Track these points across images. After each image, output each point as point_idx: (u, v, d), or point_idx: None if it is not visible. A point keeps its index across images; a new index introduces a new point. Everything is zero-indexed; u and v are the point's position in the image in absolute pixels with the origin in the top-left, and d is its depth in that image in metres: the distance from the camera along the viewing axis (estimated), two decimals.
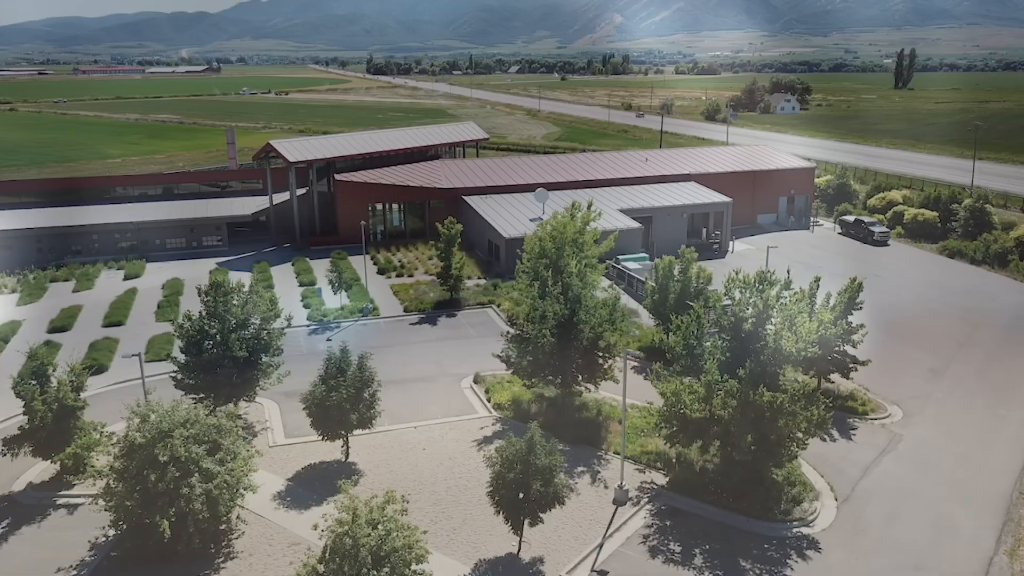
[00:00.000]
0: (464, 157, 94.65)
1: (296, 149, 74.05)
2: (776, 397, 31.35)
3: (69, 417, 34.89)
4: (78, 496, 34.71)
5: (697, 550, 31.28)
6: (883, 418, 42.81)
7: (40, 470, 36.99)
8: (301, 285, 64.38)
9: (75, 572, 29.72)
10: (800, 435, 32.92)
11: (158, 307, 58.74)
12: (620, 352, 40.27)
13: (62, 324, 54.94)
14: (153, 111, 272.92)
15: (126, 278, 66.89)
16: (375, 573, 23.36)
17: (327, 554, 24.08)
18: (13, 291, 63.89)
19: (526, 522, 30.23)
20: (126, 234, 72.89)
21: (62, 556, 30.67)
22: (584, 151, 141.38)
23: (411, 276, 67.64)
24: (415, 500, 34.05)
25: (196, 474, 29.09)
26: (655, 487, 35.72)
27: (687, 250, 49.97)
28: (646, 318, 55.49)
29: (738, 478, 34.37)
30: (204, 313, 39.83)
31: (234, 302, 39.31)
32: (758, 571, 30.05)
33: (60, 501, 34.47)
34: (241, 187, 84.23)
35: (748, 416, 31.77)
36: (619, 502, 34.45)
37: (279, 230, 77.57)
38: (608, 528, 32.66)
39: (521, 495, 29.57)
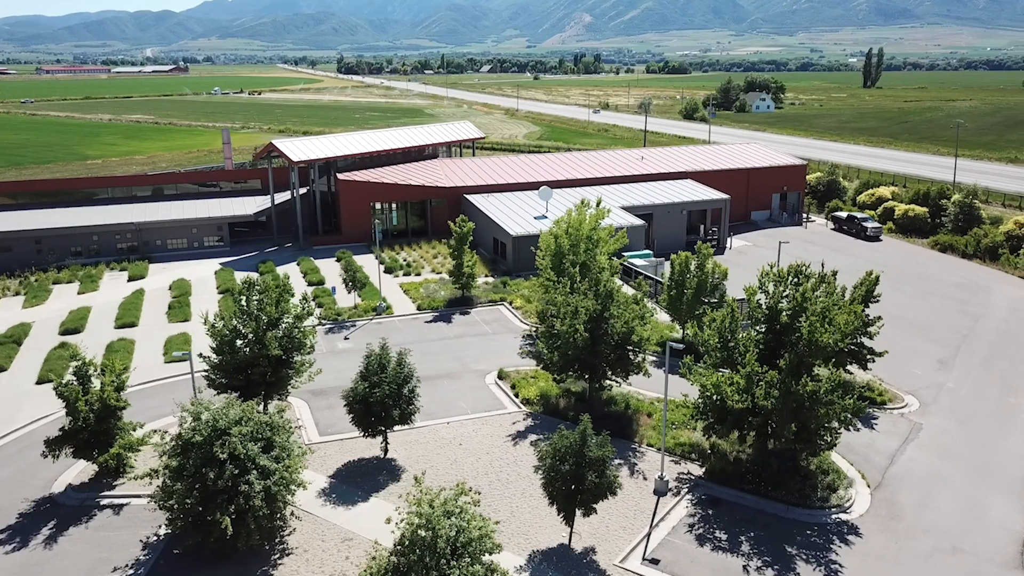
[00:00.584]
0: (461, 156, 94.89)
1: (299, 149, 73.88)
2: (820, 386, 32.24)
3: (111, 417, 34.79)
4: (122, 497, 34.63)
5: (742, 537, 32.06)
6: (900, 408, 43.95)
7: (78, 471, 36.82)
8: (310, 285, 64.37)
9: (132, 571, 29.73)
10: (836, 424, 33.86)
11: (169, 308, 58.41)
12: (650, 347, 40.98)
13: (74, 326, 54.44)
14: (125, 111, 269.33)
15: (130, 279, 66.36)
16: (454, 563, 23.76)
17: (403, 546, 24.40)
18: (17, 293, 63.13)
19: (579, 513, 30.82)
20: (127, 235, 72.24)
21: (116, 556, 30.65)
22: (569, 150, 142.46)
23: (418, 275, 67.86)
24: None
25: (254, 471, 29.25)
26: (692, 477, 36.47)
27: (704, 246, 50.79)
28: (659, 314, 56.31)
29: (776, 467, 35.27)
30: (236, 312, 39.89)
31: (266, 300, 39.35)
32: (805, 556, 30.88)
33: (104, 502, 34.34)
34: (232, 187, 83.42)
35: (790, 406, 32.60)
36: (660, 492, 35.15)
37: (279, 230, 77.30)
38: (653, 518, 33.33)
39: (575, 486, 30.15)
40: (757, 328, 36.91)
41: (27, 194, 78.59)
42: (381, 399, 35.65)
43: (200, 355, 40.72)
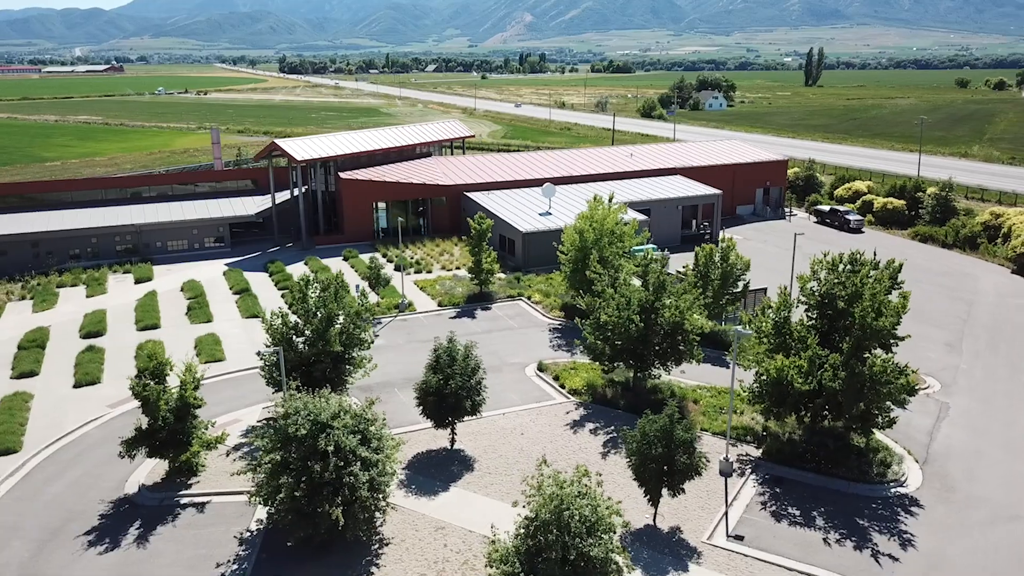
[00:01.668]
0: (452, 154, 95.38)
1: (301, 148, 73.54)
2: (885, 367, 34.11)
3: (188, 416, 34.76)
4: (202, 495, 34.63)
5: (814, 512, 33.71)
6: (924, 388, 46.27)
7: (148, 471, 36.63)
8: None
9: (236, 567, 29.91)
10: (890, 404, 35.77)
11: (189, 310, 57.84)
12: (694, 338, 42.39)
13: (95, 329, 53.54)
14: (70, 112, 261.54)
15: (137, 282, 65.32)
16: (590, 540, 24.72)
17: (536, 527, 25.22)
18: (22, 298, 61.64)
19: (666, 493, 32.07)
20: (126, 237, 70.99)
21: (214, 553, 30.77)
22: (538, 148, 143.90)
23: (430, 272, 68.33)
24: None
25: (357, 463, 29.71)
26: (751, 459, 38.03)
27: (728, 238, 52.59)
28: None
29: (833, 446, 37.09)
30: (295, 309, 40.15)
31: (327, 297, 39.71)
32: (877, 528, 32.66)
33: (184, 501, 34.30)
34: (212, 188, 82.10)
35: (855, 387, 34.37)
36: (726, 473, 36.62)
37: (279, 230, 76.85)
38: (727, 497, 34.77)
39: (665, 468, 31.38)
40: (809, 315, 38.67)
41: (13, 197, 76.45)
42: (455, 390, 36.34)
43: (258, 353, 40.91)
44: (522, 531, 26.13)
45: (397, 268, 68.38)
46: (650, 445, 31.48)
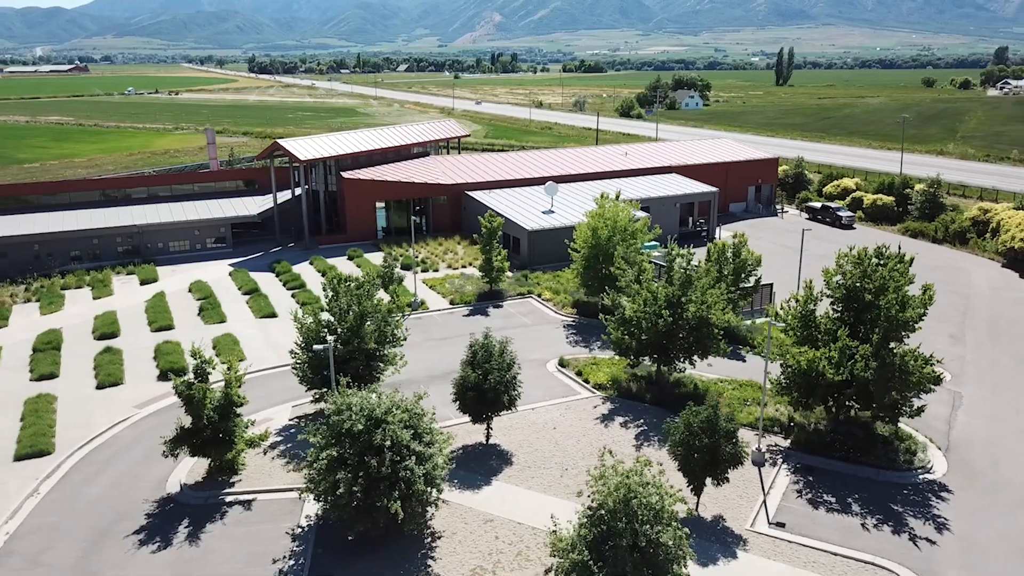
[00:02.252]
0: (448, 153, 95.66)
1: (304, 148, 73.41)
2: (917, 357, 35.20)
3: (231, 414, 34.85)
4: (246, 493, 34.75)
5: (849, 499, 34.68)
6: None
7: (187, 470, 36.64)
8: None
9: (292, 562, 30.13)
10: (916, 392, 36.88)
11: (201, 310, 57.61)
12: (719, 332, 43.22)
13: (109, 331, 53.14)
14: (40, 113, 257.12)
15: (142, 283, 64.85)
16: (658, 528, 25.35)
17: (603, 515, 25.76)
18: (27, 300, 60.93)
19: (709, 483, 32.85)
20: (128, 238, 70.40)
21: (268, 549, 30.95)
22: (523, 148, 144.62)
23: (436, 271, 68.60)
24: (577, 474, 36.09)
25: (412, 456, 30.08)
26: (781, 449, 38.96)
27: (740, 234, 53.59)
28: None
29: (862, 435, 38.13)
30: (329, 307, 40.43)
31: (362, 295, 40.00)
32: (912, 512, 33.71)
33: (229, 499, 34.39)
34: (214, 188, 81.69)
35: (886, 376, 35.41)
36: (758, 463, 37.48)
37: (280, 230, 76.67)
38: (763, 486, 35.63)
39: (710, 458, 32.14)
40: (834, 307, 39.69)
41: (10, 198, 75.43)
42: (494, 385, 36.82)
43: (291, 352, 41.10)
44: (585, 520, 26.73)
45: (405, 267, 68.59)
46: (694, 436, 32.24)
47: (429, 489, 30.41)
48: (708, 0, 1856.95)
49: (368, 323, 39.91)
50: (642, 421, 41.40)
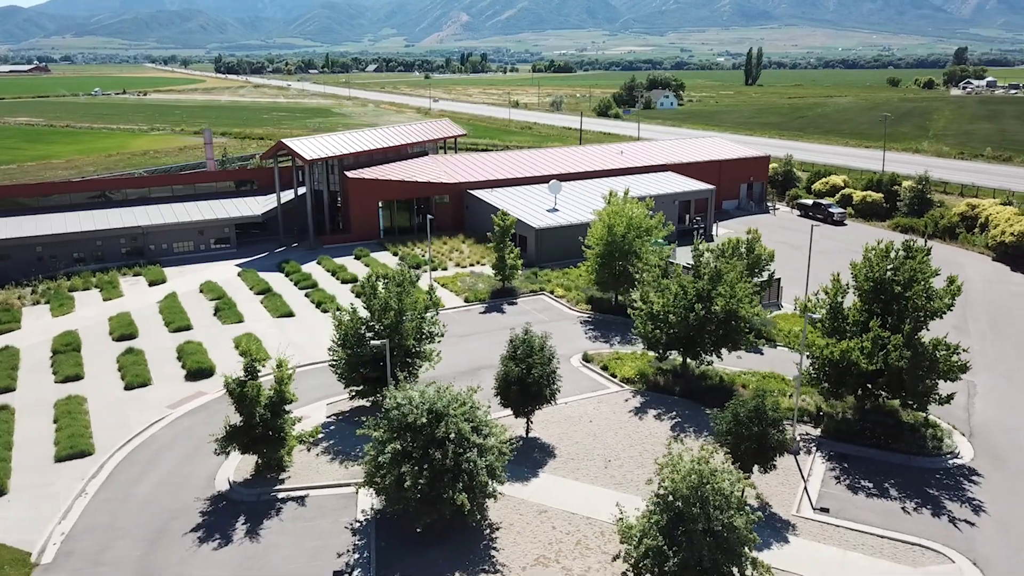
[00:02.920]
0: (446, 153, 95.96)
1: (309, 147, 73.32)
2: (950, 347, 36.48)
3: (281, 411, 35.05)
4: (298, 489, 34.96)
5: (886, 484, 35.82)
6: None
7: (234, 467, 36.73)
8: (344, 283, 64.49)
9: (357, 556, 30.47)
10: (944, 380, 38.19)
11: (217, 311, 57.41)
12: (746, 325, 44.20)
13: (127, 332, 52.80)
14: (7, 113, 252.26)
15: (151, 284, 64.37)
16: (731, 513, 26.15)
17: (668, 503, 26.52)
18: (36, 302, 60.21)
19: (756, 469, 33.77)
20: (132, 239, 69.79)
21: (329, 543, 31.25)
22: (507, 148, 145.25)
23: (445, 269, 68.94)
24: (620, 465, 36.86)
25: (474, 449, 30.58)
26: (813, 437, 40.04)
27: (754, 230, 54.70)
28: None
29: (891, 422, 39.36)
30: (367, 304, 40.74)
31: (403, 292, 40.38)
32: (947, 496, 34.94)
33: (281, 495, 34.58)
34: (208, 189, 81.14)
35: (919, 365, 36.63)
36: (794, 452, 38.51)
37: (284, 230, 76.50)
38: (801, 473, 36.65)
39: (755, 446, 33.07)
40: (861, 299, 40.86)
41: (8, 200, 74.35)
42: (537, 379, 37.42)
43: (329, 349, 41.37)
44: (652, 508, 27.46)
45: (415, 266, 68.82)
46: (741, 425, 33.17)
47: (490, 481, 30.89)
48: (674, 1, 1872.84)
49: (407, 320, 40.28)
50: (675, 413, 42.25)
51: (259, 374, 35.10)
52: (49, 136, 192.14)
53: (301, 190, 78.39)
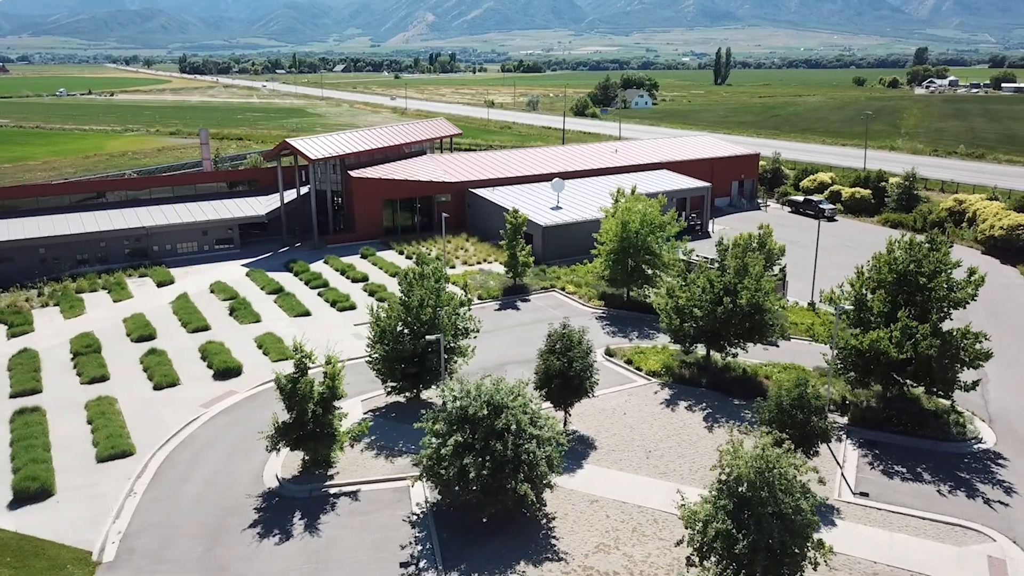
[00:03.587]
0: (442, 152, 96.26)
1: (314, 147, 73.24)
2: (977, 335, 37.83)
3: (331, 408, 35.30)
4: (348, 484, 35.25)
5: (919, 468, 37.06)
6: None
7: (280, 463, 36.88)
8: (355, 281, 64.64)
9: (420, 547, 30.89)
10: (968, 368, 39.59)
11: (232, 311, 57.25)
12: (770, 319, 45.27)
13: (145, 333, 52.47)
14: None
15: (159, 285, 63.91)
16: (798, 495, 27.04)
17: (731, 488, 27.34)
18: (44, 305, 59.47)
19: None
20: (136, 240, 69.17)
21: (391, 536, 31.63)
22: (490, 147, 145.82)
23: (453, 267, 69.30)
24: (662, 456, 37.69)
25: (533, 440, 31.16)
26: (841, 426, 41.18)
27: (765, 225, 55.92)
28: None
29: (917, 410, 40.68)
30: (399, 302, 41.15)
31: (441, 289, 40.86)
32: (979, 479, 36.26)
33: (333, 490, 34.85)
34: (205, 189, 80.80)
35: (947, 353, 37.95)
36: (825, 440, 39.57)
37: (287, 230, 76.33)
38: (836, 459, 37.75)
39: (799, 434, 34.07)
40: (884, 291, 42.09)
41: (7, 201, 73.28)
42: (578, 372, 38.11)
43: (367, 346, 41.69)
44: (715, 494, 28.25)
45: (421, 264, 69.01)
46: (785, 413, 34.17)
47: (549, 471, 31.49)
48: (638, 1, 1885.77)
49: (443, 315, 40.72)
50: (704, 404, 43.18)
51: (308, 370, 35.25)
52: (21, 137, 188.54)
53: (303, 190, 78.24)
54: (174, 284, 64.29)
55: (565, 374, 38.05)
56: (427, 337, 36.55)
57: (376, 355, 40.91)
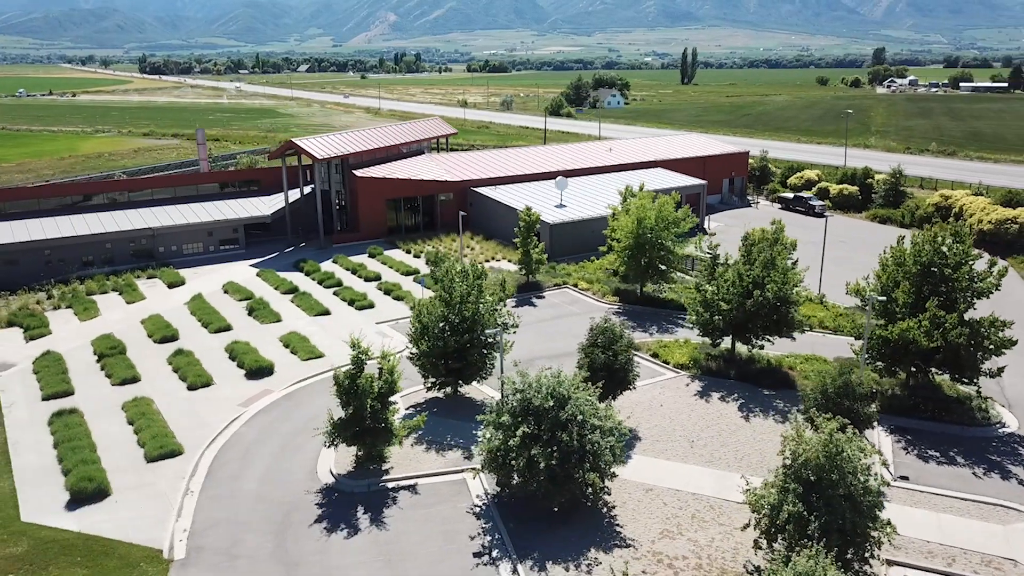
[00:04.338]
0: (439, 152, 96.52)
1: (319, 147, 73.14)
2: (1004, 323, 39.40)
3: (387, 403, 35.66)
4: (406, 478, 35.64)
5: (951, 452, 38.49)
6: None
7: (332, 460, 37.12)
8: (367, 280, 64.81)
9: (489, 538, 31.42)
10: (990, 355, 41.17)
11: (252, 311, 57.10)
12: (799, 310, 46.52)
13: (168, 334, 52.21)
14: None
15: (170, 286, 63.47)
16: (866, 478, 28.16)
17: (799, 472, 28.35)
18: (56, 307, 58.71)
19: None
20: (141, 241, 68.51)
21: (456, 528, 32.12)
22: (472, 147, 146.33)
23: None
24: (705, 445, 38.68)
25: (596, 431, 31.88)
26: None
27: (777, 221, 57.16)
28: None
29: (943, 396, 42.21)
30: (440, 299, 41.62)
31: (484, 286, 41.41)
32: (1009, 461, 37.78)
33: (391, 485, 35.22)
34: (208, 189, 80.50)
35: (975, 341, 39.47)
36: (869, 425, 40.88)
37: (291, 230, 76.13)
38: (872, 445, 39.03)
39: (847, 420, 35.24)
40: (907, 283, 43.57)
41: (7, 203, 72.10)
42: (623, 364, 38.94)
43: (409, 343, 42.07)
44: (781, 479, 29.22)
45: (429, 262, 69.40)
46: (830, 400, 35.34)
47: (614, 460, 32.23)
48: (600, 1, 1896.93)
49: (484, 311, 41.27)
50: (736, 395, 44.28)
51: (364, 366, 35.55)
52: None
53: (306, 189, 78.05)
54: (184, 285, 63.86)
55: (610, 367, 38.85)
56: (487, 331, 36.98)
57: (419, 350, 41.29)
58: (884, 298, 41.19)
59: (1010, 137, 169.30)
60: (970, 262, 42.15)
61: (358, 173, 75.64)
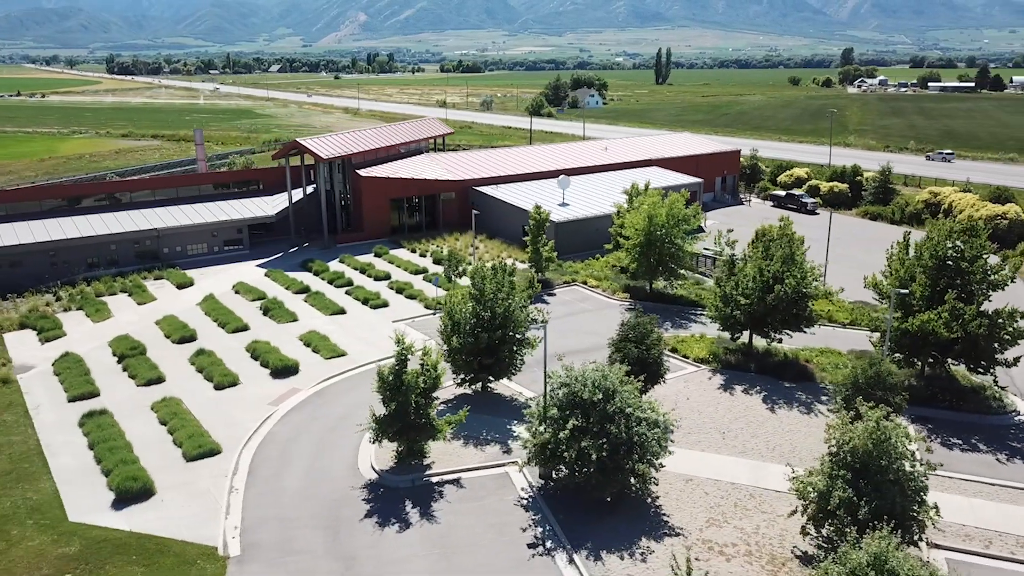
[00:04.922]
0: (436, 151, 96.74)
1: (324, 146, 73.11)
2: (1013, 315, 40.74)
3: (431, 399, 36.01)
4: (449, 472, 36.03)
5: (973, 440, 39.70)
6: None
7: (372, 456, 37.39)
8: (377, 280, 64.98)
9: (540, 529, 31.93)
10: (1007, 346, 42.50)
11: (266, 310, 57.05)
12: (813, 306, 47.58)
13: (187, 335, 52.06)
14: None
15: (179, 287, 63.14)
16: (912, 463, 29.12)
17: (846, 458, 29.24)
18: (66, 309, 58.19)
19: None
20: (146, 242, 68.02)
21: (506, 520, 32.60)
22: (459, 146, 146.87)
23: (469, 264, 70.03)
24: (736, 436, 39.51)
25: (642, 423, 32.54)
26: None
27: (786, 218, 58.36)
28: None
29: (959, 386, 43.46)
30: (470, 296, 42.06)
31: (516, 283, 41.92)
32: None
33: (435, 479, 35.58)
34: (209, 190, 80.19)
35: (994, 331, 40.74)
36: (899, 414, 41.97)
37: (295, 230, 76.02)
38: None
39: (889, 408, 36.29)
40: (924, 277, 44.78)
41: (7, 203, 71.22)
42: (656, 358, 39.69)
43: (440, 343, 42.46)
44: (827, 466, 30.09)
45: (436, 262, 69.81)
46: (860, 391, 36.31)
47: (661, 452, 32.90)
48: (570, 2, 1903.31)
49: (515, 308, 41.77)
50: (759, 388, 45.21)
51: (407, 362, 35.87)
52: None
53: (308, 189, 77.94)
54: (193, 286, 63.58)
55: (644, 361, 39.55)
56: (525, 326, 37.43)
57: (451, 347, 41.68)
58: (906, 291, 42.27)
59: (983, 135, 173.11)
60: (985, 255, 43.43)
61: (362, 173, 75.73)
